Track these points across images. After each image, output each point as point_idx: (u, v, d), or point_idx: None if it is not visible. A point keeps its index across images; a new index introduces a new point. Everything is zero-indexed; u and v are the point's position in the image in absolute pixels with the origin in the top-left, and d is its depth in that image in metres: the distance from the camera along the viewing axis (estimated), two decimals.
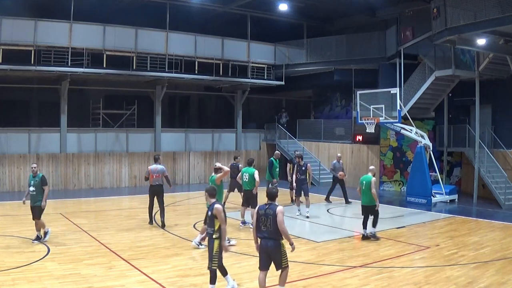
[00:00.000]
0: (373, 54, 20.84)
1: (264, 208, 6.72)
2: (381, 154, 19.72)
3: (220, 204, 7.08)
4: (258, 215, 6.73)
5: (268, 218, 6.62)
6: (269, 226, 6.61)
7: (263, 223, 6.66)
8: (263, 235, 6.67)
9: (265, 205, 6.79)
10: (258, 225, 6.73)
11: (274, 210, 6.62)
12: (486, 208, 15.55)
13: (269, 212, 6.64)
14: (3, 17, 16.81)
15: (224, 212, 6.99)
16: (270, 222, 6.60)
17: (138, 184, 20.24)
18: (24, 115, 21.36)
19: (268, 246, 6.65)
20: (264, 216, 6.66)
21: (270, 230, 6.60)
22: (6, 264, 8.22)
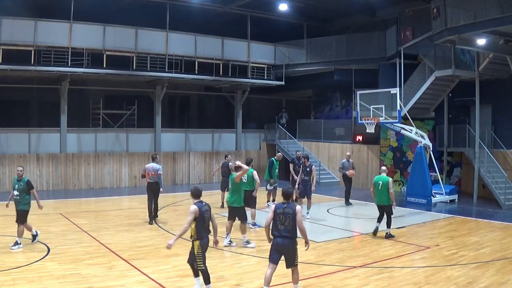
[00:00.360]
0: (373, 54, 20.85)
1: (282, 207, 6.82)
2: (381, 154, 19.72)
3: (195, 205, 6.89)
4: (275, 213, 6.80)
5: (287, 217, 6.72)
6: (287, 225, 6.71)
7: (281, 221, 6.74)
8: (281, 233, 6.74)
9: (283, 204, 6.90)
10: (275, 224, 6.79)
11: (294, 209, 6.76)
12: (486, 208, 15.55)
13: (288, 211, 6.75)
14: (3, 17, 16.81)
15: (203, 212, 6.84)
16: (289, 221, 6.70)
17: (138, 184, 20.23)
18: (24, 115, 21.36)
19: (285, 245, 6.73)
20: (282, 215, 6.75)
21: (289, 229, 6.71)
22: (6, 264, 8.22)
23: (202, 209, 6.86)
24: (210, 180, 22.38)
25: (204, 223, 6.88)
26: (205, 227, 6.93)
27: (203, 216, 6.85)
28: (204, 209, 6.91)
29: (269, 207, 14.95)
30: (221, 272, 8.20)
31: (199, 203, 6.93)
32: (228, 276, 7.99)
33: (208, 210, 7.00)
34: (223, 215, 13.71)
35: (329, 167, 22.16)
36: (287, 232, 6.72)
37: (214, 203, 15.72)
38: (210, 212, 7.08)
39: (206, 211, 6.95)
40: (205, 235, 6.91)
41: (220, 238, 10.66)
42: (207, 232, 6.97)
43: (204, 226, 6.88)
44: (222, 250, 9.66)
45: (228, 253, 9.51)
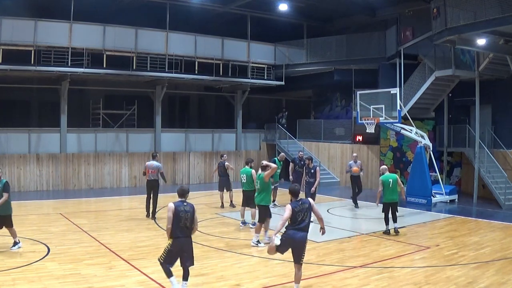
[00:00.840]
0: (373, 54, 20.85)
1: (298, 205, 6.99)
2: (381, 154, 19.71)
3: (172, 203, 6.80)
4: (294, 212, 6.91)
5: (305, 213, 6.96)
6: (306, 220, 6.96)
7: (301, 218, 6.94)
8: (299, 227, 6.92)
9: (297, 202, 7.04)
10: (294, 221, 6.92)
11: (309, 203, 7.07)
12: (486, 208, 15.55)
13: (304, 207, 6.98)
14: (3, 17, 16.82)
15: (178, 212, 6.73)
16: (307, 216, 6.98)
17: (138, 184, 20.23)
18: (24, 115, 21.37)
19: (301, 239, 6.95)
20: (301, 212, 6.95)
21: (307, 223, 6.97)
22: (6, 264, 8.22)
23: (179, 208, 6.70)
24: (210, 180, 22.38)
25: (179, 222, 6.67)
26: (180, 227, 6.68)
27: (178, 216, 6.66)
28: (182, 209, 6.71)
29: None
30: (221, 272, 8.20)
31: (178, 202, 6.81)
32: (228, 276, 7.99)
33: (187, 211, 6.73)
34: (223, 215, 13.74)
35: (329, 167, 22.16)
36: (305, 226, 6.95)
37: (213, 203, 15.77)
38: (193, 214, 6.78)
39: (184, 211, 6.71)
40: (179, 235, 6.68)
41: (220, 239, 10.69)
42: (182, 232, 6.69)
43: (179, 226, 6.67)
44: (222, 250, 9.66)
45: (228, 253, 9.51)
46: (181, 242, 6.73)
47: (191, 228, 6.80)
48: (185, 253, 6.79)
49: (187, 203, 6.87)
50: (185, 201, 6.89)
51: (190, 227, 6.77)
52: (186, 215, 6.73)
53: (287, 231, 6.99)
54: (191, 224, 6.77)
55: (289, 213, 6.93)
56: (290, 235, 6.95)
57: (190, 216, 6.77)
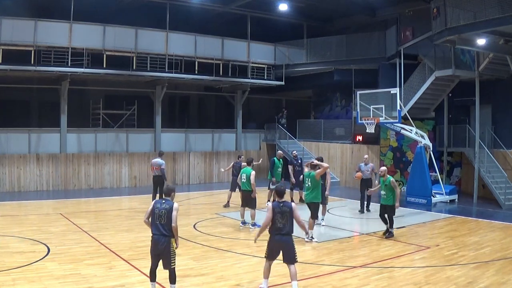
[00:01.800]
0: (373, 54, 20.84)
1: (279, 206, 7.04)
2: (381, 154, 19.71)
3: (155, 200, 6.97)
4: (274, 212, 6.99)
5: (284, 215, 6.98)
6: (285, 222, 6.99)
7: (280, 220, 6.98)
8: (280, 232, 6.99)
9: (279, 203, 7.09)
10: (274, 223, 6.99)
11: (290, 207, 7.07)
12: (486, 208, 15.55)
13: (285, 210, 7.01)
14: (3, 17, 16.82)
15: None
16: (286, 219, 6.98)
17: (138, 185, 20.24)
18: (24, 115, 21.36)
19: (284, 242, 7.01)
20: (280, 214, 6.99)
21: (287, 226, 7.00)
22: (6, 264, 8.22)
23: (155, 205, 6.70)
24: (210, 180, 22.40)
25: (154, 219, 6.64)
26: (155, 224, 6.63)
27: (153, 212, 6.67)
28: (157, 206, 6.67)
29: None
30: (221, 272, 8.20)
31: (159, 200, 6.87)
32: (228, 276, 7.99)
33: (162, 209, 6.63)
34: (223, 215, 13.74)
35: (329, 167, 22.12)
36: (285, 229, 6.99)
37: (213, 203, 15.77)
38: (169, 212, 6.61)
39: (159, 208, 6.64)
40: (154, 232, 6.64)
41: (220, 239, 10.67)
42: (157, 230, 6.62)
43: (154, 223, 6.65)
44: (222, 250, 9.67)
45: (228, 253, 9.52)
46: (155, 239, 6.65)
47: (167, 227, 6.62)
48: (160, 253, 6.68)
49: (167, 201, 6.77)
50: (166, 200, 6.80)
51: (165, 225, 6.62)
52: (160, 212, 6.64)
53: (272, 238, 7.05)
54: (166, 223, 6.61)
55: (270, 213, 7.01)
56: (276, 241, 7.02)
57: (166, 214, 6.62)
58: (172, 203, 6.78)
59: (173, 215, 6.67)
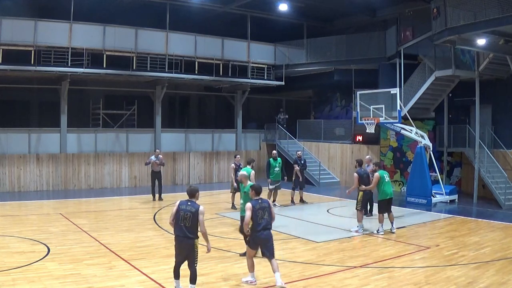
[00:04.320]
0: (373, 54, 20.84)
1: (258, 203, 7.40)
2: (381, 154, 19.71)
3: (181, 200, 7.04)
4: (254, 210, 7.29)
5: (264, 211, 7.38)
6: (266, 218, 7.39)
7: (261, 216, 7.34)
8: (262, 227, 7.34)
9: (257, 200, 7.46)
10: (256, 219, 7.30)
11: (268, 203, 7.53)
12: (486, 208, 15.55)
13: (264, 206, 7.42)
14: (3, 17, 16.81)
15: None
16: (267, 214, 7.40)
17: (138, 185, 20.24)
18: (24, 115, 21.36)
19: (269, 236, 7.42)
20: (261, 210, 7.35)
21: (268, 221, 7.41)
22: (6, 264, 8.22)
23: (181, 207, 6.77)
24: (210, 181, 22.40)
25: (178, 221, 6.73)
26: (179, 226, 6.72)
27: (178, 213, 6.77)
28: (183, 207, 6.76)
29: None
30: (221, 272, 8.20)
31: (184, 201, 6.90)
32: (228, 276, 7.99)
33: (188, 211, 6.71)
34: (223, 215, 13.75)
35: (329, 167, 22.16)
36: (266, 224, 7.39)
37: (213, 203, 15.77)
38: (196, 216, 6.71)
39: (185, 210, 6.73)
40: (178, 234, 6.75)
41: (220, 239, 10.68)
42: (181, 231, 6.71)
43: (178, 224, 6.74)
44: (222, 250, 9.66)
45: (229, 253, 9.52)
46: (179, 240, 6.77)
47: (191, 229, 6.71)
48: (185, 254, 6.78)
49: (192, 203, 6.83)
50: (191, 201, 6.86)
51: (189, 228, 6.70)
52: (185, 214, 6.70)
53: (256, 234, 7.33)
54: (191, 225, 6.70)
55: (250, 212, 7.28)
56: (257, 237, 7.34)
57: (191, 217, 6.69)
58: (198, 206, 6.83)
59: (200, 220, 6.75)
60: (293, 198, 15.89)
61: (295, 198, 15.92)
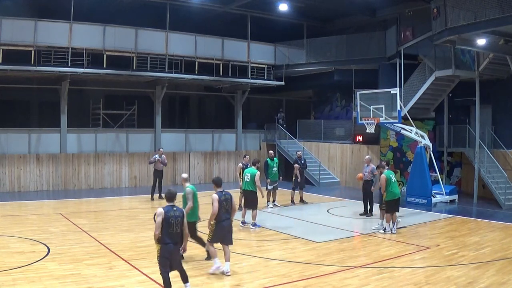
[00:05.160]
0: (373, 54, 20.84)
1: (222, 195, 8.03)
2: (381, 154, 19.70)
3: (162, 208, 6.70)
4: (220, 201, 7.92)
5: (228, 202, 8.02)
6: (229, 208, 8.04)
7: (225, 207, 7.98)
8: (227, 216, 8.03)
9: (221, 192, 8.06)
10: (221, 210, 7.93)
11: (230, 195, 8.14)
12: (486, 208, 15.55)
13: (228, 197, 8.06)
14: (3, 17, 16.81)
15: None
16: (229, 205, 8.05)
17: (138, 185, 20.23)
18: (24, 115, 21.35)
19: (230, 225, 8.17)
20: (225, 201, 8.00)
21: (230, 212, 8.08)
22: (6, 264, 8.22)
23: (169, 214, 6.54)
24: (210, 181, 22.35)
25: (169, 228, 6.51)
26: (170, 233, 6.51)
27: (168, 221, 6.50)
28: (171, 214, 6.55)
29: (269, 207, 14.96)
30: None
31: (167, 207, 6.66)
32: (228, 276, 7.98)
33: (177, 217, 6.60)
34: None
35: (329, 167, 22.15)
36: (229, 215, 8.09)
37: None
38: (182, 219, 6.67)
39: (174, 216, 6.57)
40: (168, 241, 6.51)
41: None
42: (171, 238, 6.53)
43: (168, 232, 6.51)
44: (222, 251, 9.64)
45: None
46: (169, 248, 6.56)
47: (180, 234, 6.68)
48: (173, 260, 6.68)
49: (177, 207, 6.73)
50: (175, 206, 6.73)
51: (179, 233, 6.65)
52: (176, 221, 6.58)
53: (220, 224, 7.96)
54: (181, 230, 6.66)
55: (217, 203, 7.87)
56: (222, 225, 7.99)
57: (180, 221, 6.64)
58: (182, 209, 6.85)
59: (184, 222, 6.73)
60: (293, 198, 15.89)
61: (295, 198, 15.92)
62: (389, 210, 11.46)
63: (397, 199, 11.54)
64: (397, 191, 11.63)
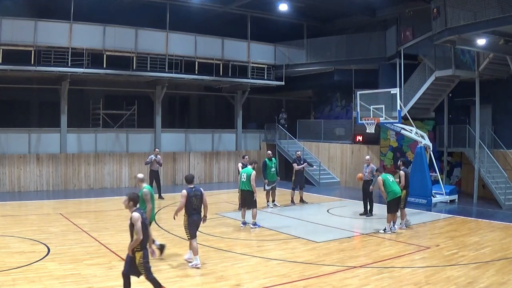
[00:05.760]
0: (373, 54, 20.84)
1: (193, 191, 8.42)
2: (381, 154, 19.71)
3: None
4: (188, 196, 8.35)
5: (197, 198, 8.41)
6: (198, 204, 8.44)
7: (194, 203, 8.39)
8: (196, 211, 8.44)
9: (191, 188, 8.44)
10: (190, 205, 8.35)
11: (201, 191, 8.52)
12: (486, 208, 15.55)
13: (197, 193, 8.45)
14: (3, 17, 16.81)
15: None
16: (199, 201, 8.45)
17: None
18: (24, 115, 21.34)
19: (199, 219, 8.56)
20: (194, 197, 8.39)
21: (199, 207, 8.48)
22: (6, 264, 8.22)
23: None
24: (210, 181, 22.40)
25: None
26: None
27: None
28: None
29: (269, 207, 14.96)
30: (221, 272, 8.20)
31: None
32: (228, 276, 7.99)
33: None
34: (223, 215, 13.74)
35: (329, 167, 22.16)
36: (198, 210, 8.46)
37: (213, 203, 15.76)
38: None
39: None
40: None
41: (220, 239, 10.67)
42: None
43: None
44: (222, 250, 9.66)
45: (228, 253, 9.52)
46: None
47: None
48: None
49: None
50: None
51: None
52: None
53: (191, 217, 8.40)
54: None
55: (184, 198, 8.30)
56: (192, 219, 8.41)
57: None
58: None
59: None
60: (293, 198, 15.89)
61: (295, 198, 15.92)
62: (390, 210, 11.48)
63: (398, 197, 11.57)
64: (397, 189, 11.68)
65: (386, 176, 11.79)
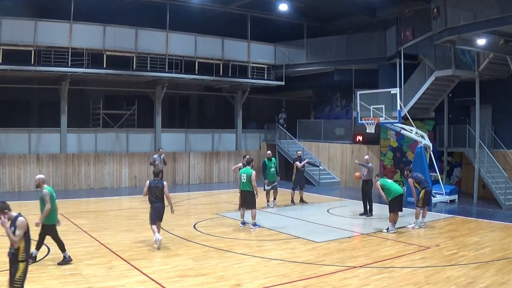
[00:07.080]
0: (373, 54, 20.84)
1: (155, 183, 9.89)
2: (381, 154, 19.71)
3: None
4: (150, 187, 9.86)
5: (157, 189, 9.82)
6: (158, 194, 9.82)
7: (155, 192, 9.81)
8: (156, 200, 9.83)
9: (155, 180, 9.97)
10: (151, 194, 9.85)
11: (162, 184, 9.88)
12: (486, 208, 15.55)
13: (158, 185, 9.83)
14: (3, 17, 16.81)
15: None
16: (159, 192, 9.82)
17: (138, 185, 20.22)
18: (24, 115, 21.35)
19: (160, 207, 9.88)
20: (155, 188, 9.83)
21: (159, 197, 9.84)
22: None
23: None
24: (210, 181, 22.40)
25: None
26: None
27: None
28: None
29: (269, 207, 14.96)
30: (221, 272, 8.19)
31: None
32: (228, 276, 7.99)
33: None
34: (223, 215, 13.74)
35: (329, 167, 22.16)
36: (158, 199, 9.83)
37: (213, 203, 15.77)
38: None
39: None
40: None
41: (220, 239, 10.67)
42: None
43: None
44: (222, 250, 9.66)
45: (228, 253, 9.52)
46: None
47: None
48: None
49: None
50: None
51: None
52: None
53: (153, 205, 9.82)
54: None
55: (147, 188, 9.87)
56: (154, 206, 9.82)
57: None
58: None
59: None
60: (293, 198, 15.89)
61: (295, 198, 15.92)
62: (392, 209, 11.47)
63: (399, 196, 11.61)
64: (397, 188, 11.75)
65: (385, 180, 11.88)
